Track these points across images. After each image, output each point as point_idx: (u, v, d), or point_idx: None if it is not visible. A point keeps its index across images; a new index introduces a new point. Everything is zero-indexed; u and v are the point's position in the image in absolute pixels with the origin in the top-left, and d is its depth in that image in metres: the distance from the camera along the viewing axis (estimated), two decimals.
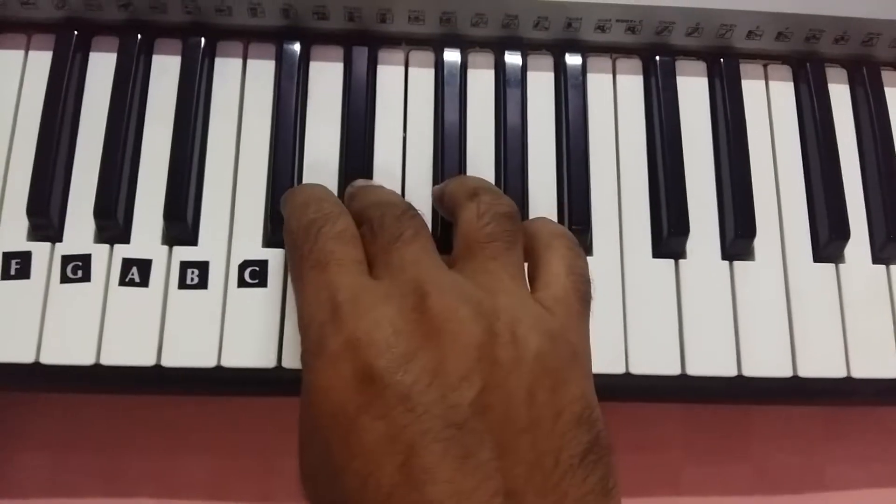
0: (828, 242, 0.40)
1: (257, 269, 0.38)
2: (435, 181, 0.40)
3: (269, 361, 0.37)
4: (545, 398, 0.27)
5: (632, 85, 0.43)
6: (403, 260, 0.30)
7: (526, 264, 0.33)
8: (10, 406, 0.44)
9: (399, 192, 0.40)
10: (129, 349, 0.37)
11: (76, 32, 0.41)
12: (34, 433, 0.44)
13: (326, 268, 0.30)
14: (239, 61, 0.42)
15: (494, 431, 0.26)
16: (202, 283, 0.38)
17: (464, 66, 0.42)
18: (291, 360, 0.37)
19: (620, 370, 0.38)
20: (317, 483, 0.28)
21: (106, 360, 0.37)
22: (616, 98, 0.43)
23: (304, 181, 0.40)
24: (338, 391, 0.27)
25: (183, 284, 0.38)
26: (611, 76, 0.43)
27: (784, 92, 0.44)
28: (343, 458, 0.27)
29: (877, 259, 0.41)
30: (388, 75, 0.42)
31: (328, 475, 0.27)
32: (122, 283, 0.38)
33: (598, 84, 0.43)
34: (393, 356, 0.27)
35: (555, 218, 0.41)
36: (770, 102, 0.43)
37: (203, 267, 0.38)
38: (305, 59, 0.42)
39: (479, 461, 0.26)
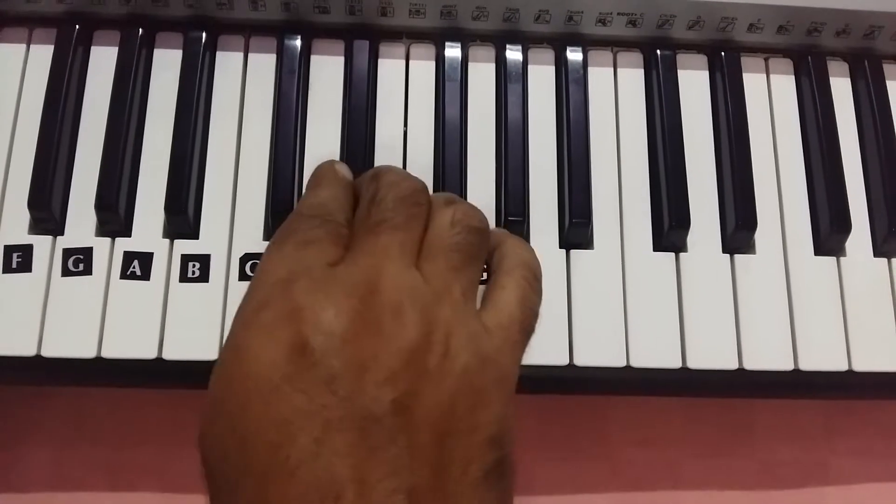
0: (829, 236, 0.40)
1: (259, 262, 0.38)
2: (436, 175, 0.40)
3: None
4: (464, 412, 0.28)
5: (633, 78, 0.43)
6: (374, 246, 0.30)
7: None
8: (13, 401, 0.44)
9: None
10: (131, 342, 0.37)
11: (77, 26, 0.41)
12: (37, 428, 0.44)
13: (306, 248, 0.31)
14: (240, 55, 0.42)
15: (410, 432, 0.27)
16: (203, 277, 0.38)
17: (464, 60, 0.43)
18: None
19: (621, 363, 0.38)
20: (221, 447, 0.28)
21: (107, 353, 0.37)
22: (617, 92, 0.43)
23: (306, 175, 0.40)
24: (268, 355, 0.27)
25: (184, 278, 0.38)
26: (612, 70, 0.43)
27: (785, 85, 0.44)
28: (257, 424, 0.27)
29: (878, 252, 0.41)
30: (389, 69, 0.42)
31: (236, 441, 0.27)
32: (124, 276, 0.38)
33: (599, 78, 0.43)
34: (330, 337, 0.27)
35: (556, 212, 0.41)
36: (771, 96, 0.43)
37: (204, 260, 0.38)
38: (306, 52, 0.42)
39: (389, 455, 0.26)
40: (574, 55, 0.43)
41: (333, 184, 0.34)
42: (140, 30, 0.41)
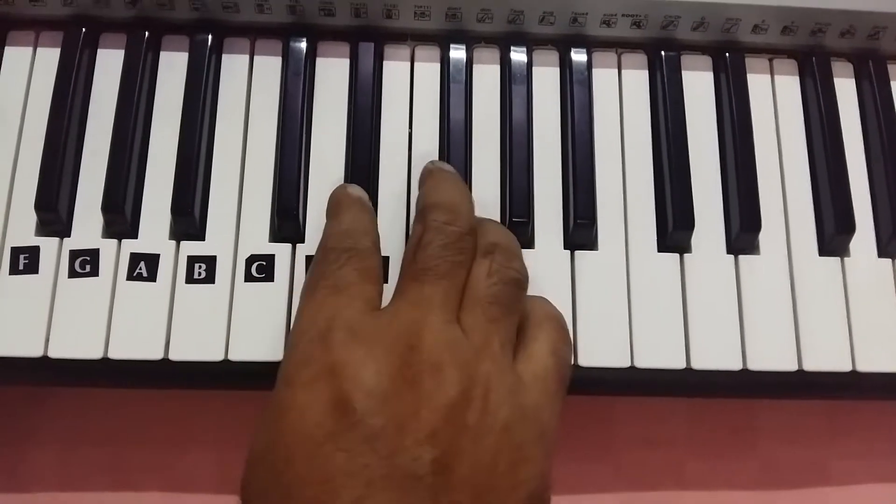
0: (833, 236, 0.40)
1: (264, 263, 0.38)
2: None
3: (276, 355, 0.37)
4: (505, 469, 0.28)
5: (637, 80, 0.43)
6: (419, 295, 0.30)
7: None
8: (19, 401, 0.44)
9: (405, 188, 0.40)
10: (137, 343, 0.37)
11: (84, 30, 0.41)
12: (42, 428, 0.44)
13: (339, 293, 0.31)
14: (246, 58, 0.42)
15: (451, 490, 0.27)
16: (209, 278, 0.38)
17: (469, 62, 0.43)
18: None
19: (625, 364, 0.38)
20: (264, 496, 0.28)
21: (114, 354, 0.37)
22: (621, 93, 0.43)
23: (311, 177, 0.40)
24: (311, 412, 0.28)
25: (190, 279, 0.38)
26: (616, 71, 0.43)
27: (790, 86, 0.44)
28: (300, 480, 0.27)
29: (882, 253, 0.41)
30: (394, 71, 0.42)
31: (280, 492, 0.27)
32: (130, 277, 0.38)
33: (604, 79, 0.43)
34: (370, 394, 0.28)
35: (561, 213, 0.41)
36: (776, 97, 0.43)
37: (210, 261, 0.38)
38: (312, 55, 0.42)
39: None
40: (578, 56, 0.43)
41: (352, 207, 0.35)
42: (146, 32, 0.42)
